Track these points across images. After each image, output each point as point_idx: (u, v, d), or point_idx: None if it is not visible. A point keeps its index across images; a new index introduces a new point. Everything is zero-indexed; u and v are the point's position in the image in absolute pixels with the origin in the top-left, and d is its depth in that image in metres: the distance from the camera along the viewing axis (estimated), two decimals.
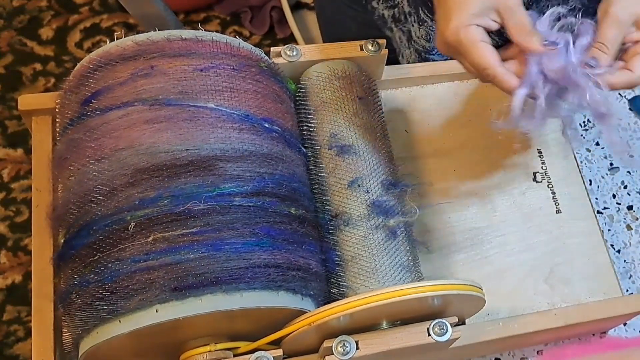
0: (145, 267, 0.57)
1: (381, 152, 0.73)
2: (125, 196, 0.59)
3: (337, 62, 0.75)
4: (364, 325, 0.62)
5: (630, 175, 0.90)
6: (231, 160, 0.61)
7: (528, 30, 0.62)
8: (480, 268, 0.76)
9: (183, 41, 0.66)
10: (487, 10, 0.62)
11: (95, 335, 0.58)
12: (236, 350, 0.62)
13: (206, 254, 0.57)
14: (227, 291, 0.57)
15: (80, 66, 0.67)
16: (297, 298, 0.62)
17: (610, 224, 0.87)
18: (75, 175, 0.62)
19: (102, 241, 0.58)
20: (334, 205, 0.70)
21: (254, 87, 0.67)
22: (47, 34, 1.62)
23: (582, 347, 0.79)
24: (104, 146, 0.61)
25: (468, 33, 0.61)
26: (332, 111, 0.73)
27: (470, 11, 0.61)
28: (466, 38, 0.61)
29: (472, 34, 0.61)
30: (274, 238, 0.61)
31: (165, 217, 0.58)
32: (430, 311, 0.63)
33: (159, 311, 0.56)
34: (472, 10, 0.61)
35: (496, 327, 0.70)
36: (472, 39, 0.61)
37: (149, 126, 0.61)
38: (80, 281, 0.59)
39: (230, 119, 0.63)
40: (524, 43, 0.62)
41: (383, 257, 0.67)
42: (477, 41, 0.61)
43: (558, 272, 0.77)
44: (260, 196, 0.61)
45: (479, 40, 0.62)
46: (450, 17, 0.62)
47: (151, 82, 0.63)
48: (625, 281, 0.83)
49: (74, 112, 0.65)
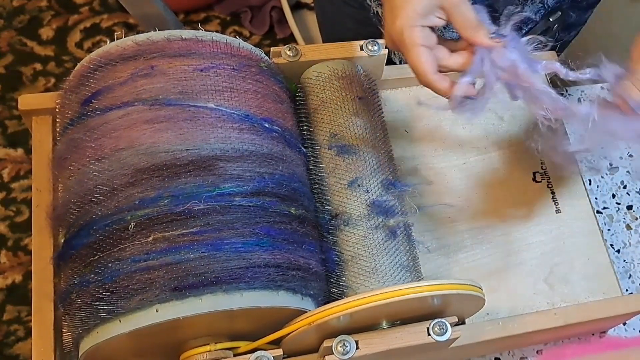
0: (145, 267, 0.57)
1: (381, 152, 0.73)
2: (125, 196, 0.59)
3: (337, 62, 0.76)
4: (363, 325, 0.62)
5: (630, 175, 0.90)
6: (231, 160, 0.61)
7: (474, 24, 0.63)
8: (480, 268, 0.76)
9: (183, 41, 0.66)
10: (432, 8, 0.62)
11: (96, 335, 0.58)
12: (236, 350, 0.62)
13: (206, 254, 0.57)
14: (227, 291, 0.57)
15: (80, 66, 0.67)
16: (297, 298, 0.62)
17: (610, 223, 0.87)
18: (75, 175, 0.62)
19: (102, 241, 0.58)
20: (334, 205, 0.70)
21: (254, 87, 0.67)
22: (47, 34, 1.62)
23: (582, 347, 0.79)
24: (104, 146, 0.61)
25: (411, 34, 0.62)
26: (332, 111, 0.73)
27: (416, 10, 0.62)
28: (408, 39, 0.62)
29: (414, 36, 0.62)
30: (274, 238, 0.61)
31: (166, 217, 0.58)
32: (430, 311, 0.63)
33: (159, 311, 0.56)
34: (417, 8, 0.62)
35: (496, 326, 0.70)
36: (412, 41, 0.62)
37: (149, 126, 0.61)
38: (81, 281, 0.59)
39: (230, 119, 0.63)
40: (471, 37, 0.63)
41: (383, 257, 0.67)
42: (416, 45, 0.62)
43: (558, 272, 0.77)
44: (260, 196, 0.61)
45: (418, 44, 0.62)
46: (397, 14, 0.62)
47: (151, 82, 0.63)
48: (624, 281, 0.84)
49: (74, 112, 0.65)
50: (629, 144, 0.92)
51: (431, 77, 0.62)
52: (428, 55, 0.62)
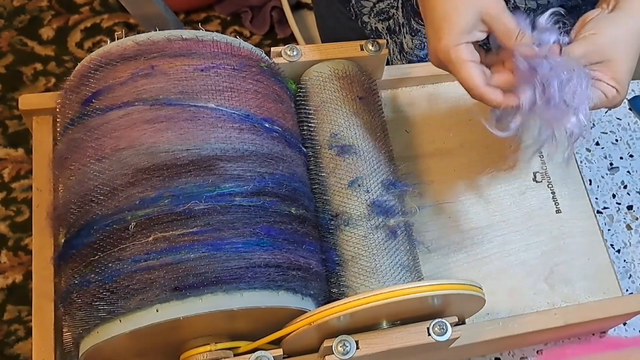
0: (145, 267, 0.57)
1: (381, 152, 0.73)
2: (125, 196, 0.59)
3: (338, 62, 0.76)
4: (364, 325, 0.62)
5: (630, 175, 0.90)
6: (232, 160, 0.61)
7: (514, 33, 0.63)
8: (480, 268, 0.76)
9: (183, 41, 0.66)
10: (473, 24, 0.63)
11: (96, 334, 0.58)
12: (236, 349, 0.62)
13: (206, 254, 0.57)
14: (227, 291, 0.57)
15: (80, 66, 0.67)
16: (297, 298, 0.62)
17: (610, 223, 0.87)
18: (75, 175, 0.62)
19: (103, 241, 0.58)
20: (334, 205, 0.70)
21: (255, 87, 0.67)
22: (48, 33, 1.62)
23: (582, 347, 0.79)
24: (104, 146, 0.61)
25: (457, 53, 0.62)
26: (333, 111, 0.73)
27: (459, 29, 0.62)
28: (456, 58, 0.62)
29: (461, 55, 0.62)
30: (275, 238, 0.61)
31: (166, 217, 0.58)
32: (430, 311, 0.63)
33: (160, 311, 0.56)
34: (460, 27, 0.62)
35: (496, 326, 0.70)
36: (460, 59, 0.62)
37: (150, 126, 0.61)
38: (81, 281, 0.59)
39: (230, 118, 0.63)
40: (515, 47, 0.63)
41: (383, 257, 0.67)
42: (464, 62, 0.62)
43: (558, 272, 0.77)
44: (260, 196, 0.61)
45: (467, 60, 0.62)
46: (441, 35, 0.63)
47: (152, 82, 0.63)
48: (625, 281, 0.84)
49: (75, 112, 0.65)
50: (630, 145, 0.92)
51: (483, 90, 0.63)
52: (477, 69, 0.63)
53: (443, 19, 0.63)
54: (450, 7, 0.62)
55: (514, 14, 0.64)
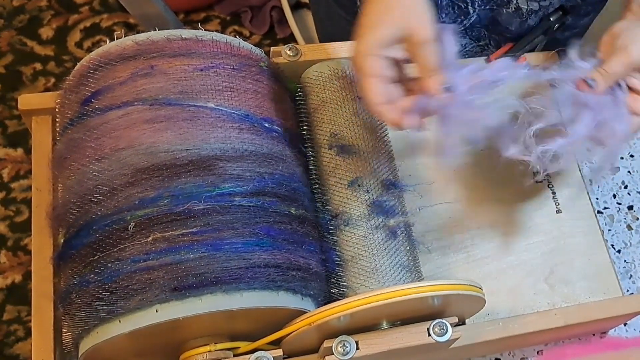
0: (145, 267, 0.57)
1: (381, 152, 0.73)
2: (125, 196, 0.59)
3: (337, 61, 0.76)
4: (364, 325, 0.62)
5: (631, 175, 0.90)
6: (231, 160, 0.61)
7: (432, 69, 0.61)
8: (480, 268, 0.76)
9: (183, 41, 0.66)
10: (397, 39, 0.62)
11: (95, 335, 0.58)
12: (236, 350, 0.62)
13: (206, 254, 0.57)
14: (227, 291, 0.57)
15: (80, 66, 0.67)
16: (297, 298, 0.62)
17: (611, 223, 0.87)
18: (75, 175, 0.62)
19: (102, 241, 0.58)
20: (334, 205, 0.70)
21: (254, 87, 0.67)
22: (47, 33, 1.62)
23: (583, 347, 0.79)
24: (104, 146, 0.61)
25: (367, 62, 0.61)
26: (332, 111, 0.73)
27: (380, 38, 0.61)
28: (364, 67, 0.61)
29: (369, 66, 0.61)
30: (274, 238, 0.61)
31: (165, 217, 0.58)
32: (430, 311, 0.63)
33: (159, 311, 0.56)
34: (382, 37, 0.61)
35: (496, 327, 0.70)
36: (366, 71, 0.61)
37: (149, 126, 0.61)
38: (80, 281, 0.59)
39: (230, 118, 0.63)
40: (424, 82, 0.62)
41: (383, 257, 0.67)
42: (370, 75, 0.61)
43: (558, 272, 0.77)
44: (260, 196, 0.61)
45: (371, 74, 0.61)
46: (361, 38, 0.62)
47: (151, 82, 0.63)
48: (625, 281, 0.83)
49: (74, 112, 0.65)
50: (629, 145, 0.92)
51: (378, 108, 0.61)
52: (379, 86, 0.61)
53: (368, 25, 0.62)
54: (378, 17, 0.62)
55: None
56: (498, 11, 0.87)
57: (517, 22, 0.87)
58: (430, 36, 0.62)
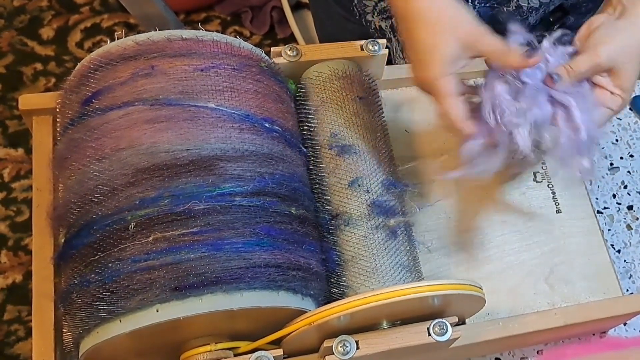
0: (145, 267, 0.57)
1: (381, 152, 0.73)
2: (125, 196, 0.59)
3: (338, 61, 0.76)
4: (364, 325, 0.62)
5: (631, 175, 0.90)
6: (232, 160, 0.61)
7: (504, 50, 0.63)
8: (481, 268, 0.76)
9: (183, 41, 0.66)
10: (458, 54, 0.63)
11: (96, 334, 0.58)
12: (236, 350, 0.62)
13: (206, 254, 0.57)
14: (227, 291, 0.57)
15: (80, 66, 0.67)
16: (298, 298, 0.62)
17: (611, 223, 0.87)
18: (75, 175, 0.62)
19: (103, 241, 0.58)
20: (335, 205, 0.70)
21: (255, 87, 0.67)
22: (48, 33, 1.62)
23: (582, 347, 0.79)
24: (104, 146, 0.61)
25: (444, 85, 0.63)
26: (333, 111, 0.73)
27: (445, 60, 0.63)
28: (442, 89, 0.63)
29: (448, 87, 0.63)
30: (275, 238, 0.61)
31: (166, 217, 0.58)
32: (430, 311, 0.63)
33: (160, 311, 0.56)
34: (446, 59, 0.63)
35: (496, 326, 0.70)
36: (446, 92, 0.63)
37: (150, 126, 0.61)
38: (81, 281, 0.59)
39: (230, 118, 0.63)
40: (505, 63, 0.63)
41: (383, 257, 0.67)
42: (449, 95, 0.63)
43: (558, 272, 0.77)
44: (260, 196, 0.61)
45: (452, 94, 0.63)
46: (427, 63, 0.63)
47: (152, 82, 0.63)
48: (625, 281, 0.84)
49: (75, 112, 0.65)
50: (630, 145, 0.92)
51: (463, 124, 0.63)
52: (459, 103, 0.63)
53: (428, 50, 0.63)
54: (435, 40, 0.63)
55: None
56: (499, 9, 0.87)
57: (518, 20, 0.87)
58: (481, 29, 0.63)
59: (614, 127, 0.93)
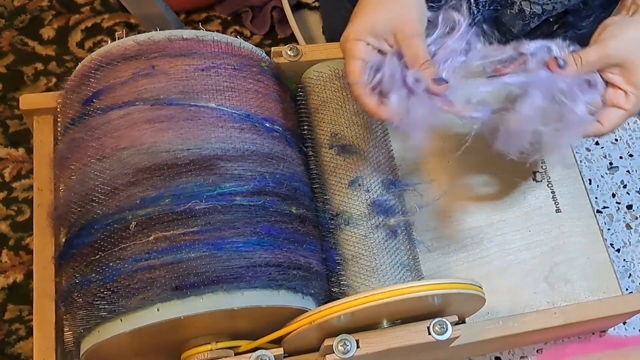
0: (146, 266, 0.57)
1: (382, 151, 0.73)
2: (126, 195, 0.59)
3: (338, 61, 0.76)
4: (364, 324, 0.62)
5: (630, 174, 0.91)
6: (232, 160, 0.61)
7: (422, 61, 0.62)
8: (480, 267, 0.76)
9: (184, 41, 0.66)
10: (385, 31, 0.63)
11: (97, 334, 0.58)
12: (237, 349, 0.62)
13: (207, 253, 0.58)
14: (228, 290, 0.58)
15: (81, 66, 0.67)
16: (298, 297, 0.62)
17: (610, 223, 0.87)
18: (76, 174, 0.62)
19: (104, 240, 0.59)
20: (335, 204, 0.70)
21: (255, 87, 0.67)
22: (49, 33, 1.62)
23: (582, 346, 0.79)
24: (105, 146, 0.61)
25: (353, 46, 0.62)
26: (333, 111, 0.73)
27: (369, 26, 0.62)
28: (350, 49, 0.62)
29: (356, 49, 0.62)
30: (275, 237, 0.61)
31: (167, 217, 0.58)
32: (430, 310, 0.63)
33: (160, 310, 0.57)
34: (370, 25, 0.62)
35: (496, 326, 0.71)
36: (353, 53, 0.62)
37: (150, 126, 0.61)
38: (82, 280, 0.59)
39: (231, 118, 0.63)
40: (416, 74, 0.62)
41: (383, 256, 0.67)
42: (355, 57, 0.62)
43: (558, 271, 0.77)
44: (261, 195, 0.61)
45: (358, 57, 0.62)
46: (352, 22, 0.63)
47: (152, 82, 0.63)
48: (624, 280, 0.84)
49: (76, 112, 0.65)
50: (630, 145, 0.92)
51: (361, 90, 0.62)
52: (360, 68, 0.62)
53: (361, 11, 0.63)
54: (370, 7, 0.63)
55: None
56: (502, 12, 0.87)
57: (520, 24, 0.87)
58: (418, 31, 0.62)
59: None
